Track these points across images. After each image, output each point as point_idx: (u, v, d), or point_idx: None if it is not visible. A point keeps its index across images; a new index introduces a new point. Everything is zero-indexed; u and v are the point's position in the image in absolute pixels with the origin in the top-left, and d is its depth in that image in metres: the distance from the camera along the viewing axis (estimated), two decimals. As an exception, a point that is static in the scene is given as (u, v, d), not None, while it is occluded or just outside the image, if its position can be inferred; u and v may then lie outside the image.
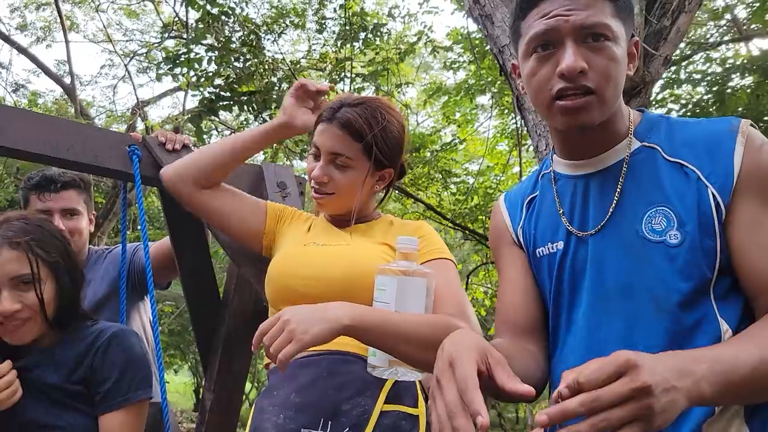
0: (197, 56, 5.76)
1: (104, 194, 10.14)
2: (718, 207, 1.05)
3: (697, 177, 1.07)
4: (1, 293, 1.37)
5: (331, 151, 1.48)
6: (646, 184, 1.12)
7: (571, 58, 1.05)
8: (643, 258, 1.09)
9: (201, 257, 2.35)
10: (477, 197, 7.85)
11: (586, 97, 1.07)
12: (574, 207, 1.20)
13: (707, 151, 1.08)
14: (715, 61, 6.21)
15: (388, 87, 7.03)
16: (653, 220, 1.09)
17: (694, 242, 1.05)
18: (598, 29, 1.06)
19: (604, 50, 1.07)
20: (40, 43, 11.52)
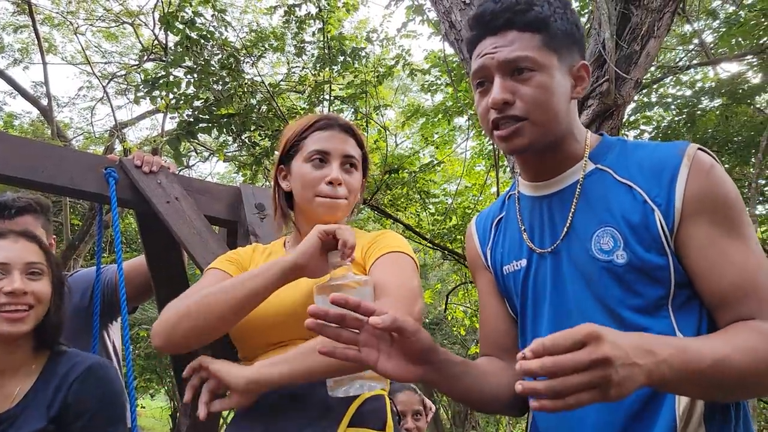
0: (176, 79, 5.77)
1: (80, 216, 10.02)
2: (663, 228, 1.10)
3: (643, 200, 1.12)
4: (14, 274, 1.45)
5: (345, 154, 1.48)
6: (596, 204, 1.18)
7: (495, 92, 1.15)
8: (594, 275, 1.15)
9: (178, 280, 2.34)
10: (455, 217, 7.90)
11: (516, 125, 1.15)
12: (534, 226, 1.27)
13: (653, 175, 1.13)
14: (685, 84, 6.36)
15: (367, 109, 7.09)
16: (601, 240, 1.14)
17: (641, 261, 1.10)
18: (521, 62, 1.15)
19: (530, 80, 1.15)
20: (18, 65, 11.45)
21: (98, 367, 1.53)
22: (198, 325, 1.27)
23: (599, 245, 1.15)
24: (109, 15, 10.63)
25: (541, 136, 1.17)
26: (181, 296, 1.35)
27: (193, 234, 2.10)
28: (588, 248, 1.16)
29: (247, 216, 2.28)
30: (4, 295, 1.42)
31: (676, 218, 1.09)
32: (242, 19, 10.59)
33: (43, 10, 10.66)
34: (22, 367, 1.49)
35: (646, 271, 1.11)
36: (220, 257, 1.56)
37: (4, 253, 1.47)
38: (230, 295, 1.26)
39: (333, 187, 1.44)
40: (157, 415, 15.66)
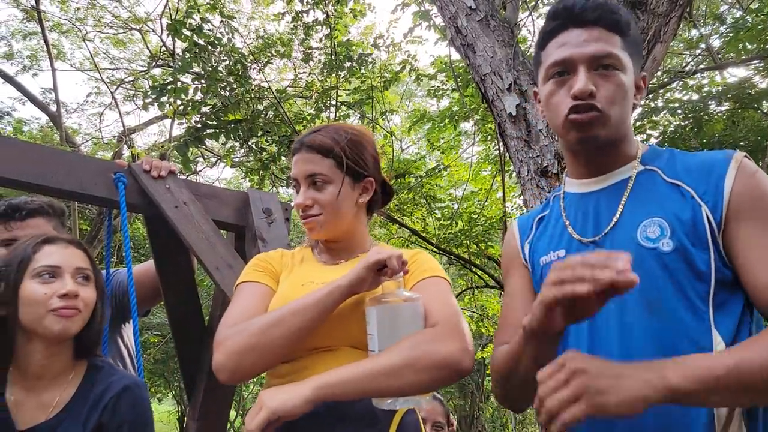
0: (184, 85, 5.80)
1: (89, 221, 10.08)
2: (711, 223, 1.15)
3: (691, 195, 1.19)
4: (66, 278, 1.49)
5: (306, 174, 1.50)
6: (645, 199, 1.24)
7: (582, 82, 1.21)
8: (637, 261, 1.13)
9: (186, 284, 2.35)
10: (461, 222, 7.89)
11: (593, 113, 1.21)
12: (578, 219, 1.33)
13: (702, 174, 1.20)
14: (692, 88, 6.35)
15: (373, 114, 7.11)
16: (648, 228, 1.20)
17: (686, 252, 1.15)
18: (608, 59, 1.22)
19: (612, 77, 1.22)
20: (27, 71, 11.55)
21: (133, 387, 1.54)
22: (264, 358, 1.29)
23: (645, 234, 1.20)
24: (117, 22, 10.71)
25: (612, 132, 1.24)
26: (239, 328, 1.31)
27: (201, 238, 2.12)
28: (633, 236, 1.21)
29: (255, 220, 2.29)
30: (57, 299, 1.45)
31: (723, 214, 1.15)
32: (249, 26, 10.66)
33: (52, 17, 10.76)
34: (61, 376, 1.51)
35: (690, 263, 1.15)
36: (250, 268, 1.53)
37: (57, 257, 1.51)
38: (291, 325, 1.28)
39: (301, 212, 1.51)
40: (165, 419, 15.70)
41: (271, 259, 1.55)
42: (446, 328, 1.27)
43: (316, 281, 1.42)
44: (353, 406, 1.30)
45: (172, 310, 2.36)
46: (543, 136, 3.25)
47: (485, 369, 13.00)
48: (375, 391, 1.21)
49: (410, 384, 1.20)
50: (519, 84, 3.33)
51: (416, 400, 1.27)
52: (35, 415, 1.45)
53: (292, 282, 1.46)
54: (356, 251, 1.55)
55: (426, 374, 1.20)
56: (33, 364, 1.48)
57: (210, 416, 2.31)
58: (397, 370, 1.19)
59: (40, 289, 1.46)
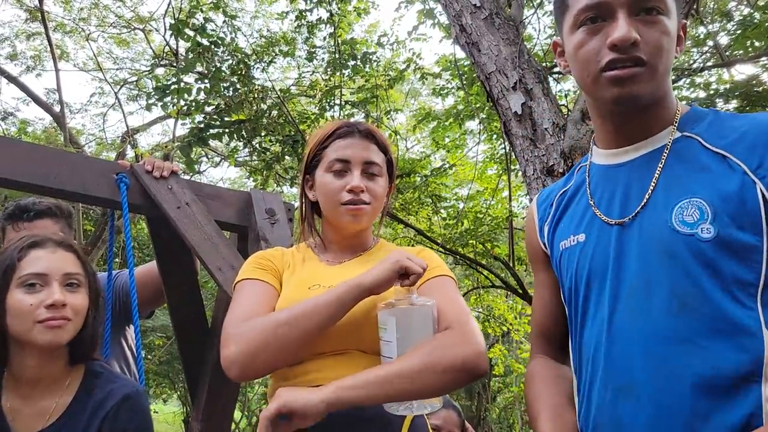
0: (187, 85, 5.79)
1: (93, 221, 10.09)
2: (766, 202, 0.98)
3: (743, 171, 1.01)
4: (53, 286, 1.41)
5: (364, 160, 1.45)
6: (683, 174, 1.06)
7: (624, 29, 1.03)
8: (670, 251, 1.03)
9: (189, 285, 2.34)
10: (467, 222, 7.86)
11: (637, 68, 1.05)
12: (603, 196, 1.17)
13: (757, 143, 1.02)
14: (699, 86, 6.31)
15: (378, 113, 7.09)
16: (685, 211, 1.03)
17: (730, 238, 0.99)
18: (655, 2, 1.05)
19: (657, 23, 1.05)
20: (31, 72, 11.57)
21: (133, 395, 1.50)
22: (277, 356, 1.26)
23: (682, 217, 1.03)
24: (120, 21, 10.72)
25: (655, 87, 1.08)
26: (251, 325, 1.28)
27: (203, 239, 2.10)
28: (668, 220, 1.04)
29: (258, 221, 2.27)
30: (44, 309, 1.39)
31: None
32: (252, 25, 10.65)
33: (56, 18, 10.78)
34: (57, 382, 1.47)
35: (735, 250, 0.98)
36: (250, 266, 1.48)
37: (43, 263, 1.43)
38: (306, 324, 1.25)
39: (355, 195, 1.43)
40: (170, 420, 15.72)
41: (273, 258, 1.51)
42: (461, 331, 1.27)
43: (323, 284, 1.39)
44: (364, 410, 1.27)
45: (176, 312, 2.34)
46: (549, 135, 3.21)
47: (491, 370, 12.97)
48: (394, 395, 1.21)
49: (428, 386, 1.21)
50: (524, 82, 3.30)
51: (429, 405, 1.26)
52: (33, 422, 1.42)
53: (297, 284, 1.42)
54: (359, 249, 1.52)
55: (444, 377, 1.20)
56: (27, 372, 1.44)
57: (214, 417, 2.30)
58: (417, 374, 1.19)
59: (26, 299, 1.39)
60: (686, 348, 0.99)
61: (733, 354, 0.96)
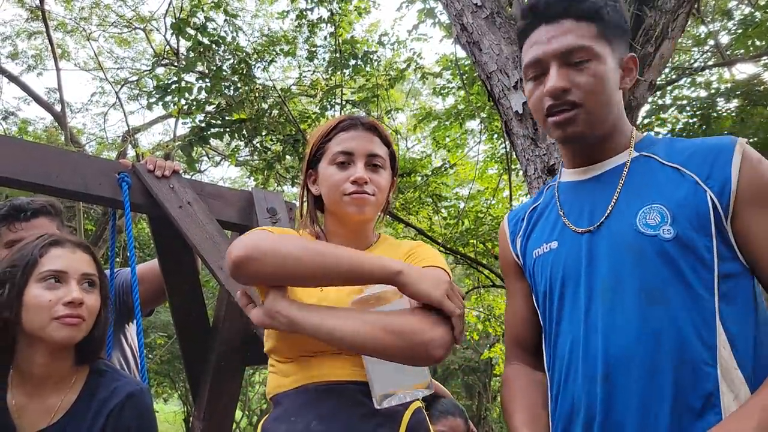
0: (188, 85, 5.80)
1: (94, 221, 10.10)
2: (716, 210, 1.11)
3: (694, 181, 1.14)
4: (71, 284, 1.44)
5: (368, 152, 1.46)
6: (642, 185, 1.20)
7: (553, 80, 1.18)
8: (636, 251, 1.15)
9: (191, 284, 2.34)
10: (468, 221, 7.86)
11: (572, 111, 1.19)
12: (573, 208, 1.29)
13: (706, 159, 1.15)
14: (700, 85, 6.31)
15: (379, 113, 7.08)
16: (648, 215, 1.15)
17: (689, 239, 1.11)
18: (578, 52, 1.18)
19: (586, 69, 1.18)
20: (32, 71, 11.57)
21: (137, 393, 1.51)
22: (284, 272, 1.22)
23: (645, 220, 1.15)
24: (121, 21, 10.72)
25: (594, 124, 1.21)
26: (276, 236, 1.29)
27: (205, 238, 2.10)
28: (633, 224, 1.16)
29: (259, 220, 2.27)
30: (62, 306, 1.41)
31: (731, 201, 1.11)
32: (253, 24, 10.65)
33: (57, 17, 10.78)
34: (63, 380, 1.48)
35: (692, 249, 1.11)
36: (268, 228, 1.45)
37: (64, 261, 1.45)
38: (327, 262, 1.22)
39: (358, 186, 1.43)
40: (171, 420, 15.74)
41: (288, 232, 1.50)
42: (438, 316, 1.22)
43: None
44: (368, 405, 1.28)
45: (177, 311, 2.34)
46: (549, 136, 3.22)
47: (492, 369, 12.98)
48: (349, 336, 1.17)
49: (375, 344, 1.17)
50: (526, 81, 3.30)
51: (413, 394, 1.26)
52: (38, 419, 1.43)
53: None
54: (362, 245, 1.51)
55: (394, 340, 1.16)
56: (35, 369, 1.45)
57: (216, 416, 2.30)
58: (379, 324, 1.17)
59: (45, 295, 1.41)
60: (655, 337, 1.10)
61: (695, 341, 1.08)
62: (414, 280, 1.20)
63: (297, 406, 1.32)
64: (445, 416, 2.42)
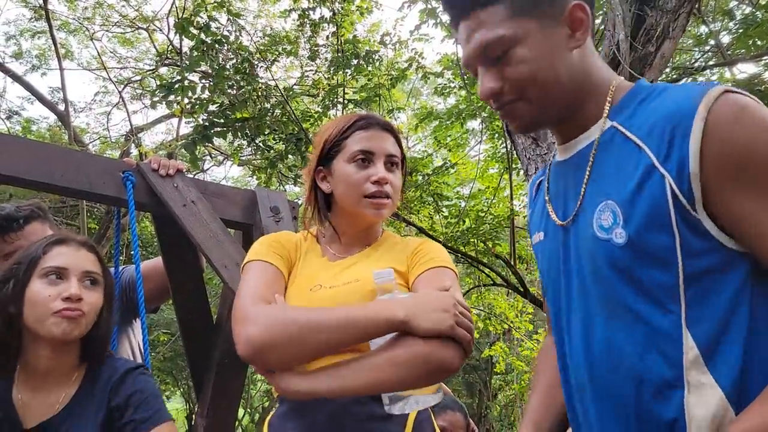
0: (191, 84, 5.82)
1: (97, 220, 10.12)
2: (677, 199, 0.90)
3: (651, 164, 0.93)
4: (71, 280, 1.47)
5: (388, 153, 1.46)
6: (606, 171, 1.02)
7: (480, 86, 1.05)
8: (594, 257, 1.01)
9: (194, 282, 2.36)
10: (469, 220, 7.87)
11: (511, 105, 1.05)
12: (557, 194, 1.16)
13: (664, 130, 0.93)
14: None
15: (381, 112, 7.10)
16: (602, 215, 0.99)
17: (644, 241, 0.93)
18: (492, 47, 1.01)
19: (509, 59, 1.01)
20: (35, 71, 11.60)
21: (136, 367, 1.56)
22: (293, 355, 1.18)
23: (600, 221, 0.99)
24: (124, 21, 10.74)
25: (542, 109, 1.05)
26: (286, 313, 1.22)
27: (209, 237, 2.12)
28: (591, 225, 1.01)
29: (263, 219, 2.29)
30: (61, 301, 1.44)
31: (694, 187, 0.89)
32: (256, 24, 10.66)
33: (60, 16, 10.80)
34: (67, 375, 1.51)
35: (650, 253, 0.93)
36: (264, 246, 1.43)
37: (65, 258, 1.49)
38: (332, 336, 1.17)
39: (380, 186, 1.42)
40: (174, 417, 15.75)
41: (288, 243, 1.49)
42: None
43: (324, 284, 1.38)
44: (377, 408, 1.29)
45: (181, 308, 2.36)
46: (550, 134, 3.23)
47: (492, 367, 12.98)
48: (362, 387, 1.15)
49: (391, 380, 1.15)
50: (527, 81, 3.31)
51: (425, 400, 1.25)
52: (42, 413, 1.46)
53: (299, 286, 1.40)
54: (367, 242, 1.51)
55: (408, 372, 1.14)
56: (40, 363, 1.48)
57: (219, 414, 2.32)
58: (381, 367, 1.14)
59: (45, 290, 1.44)
60: (619, 356, 0.98)
61: (657, 361, 0.94)
62: (420, 321, 1.15)
63: (304, 404, 1.33)
64: (445, 411, 2.45)
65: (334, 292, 1.36)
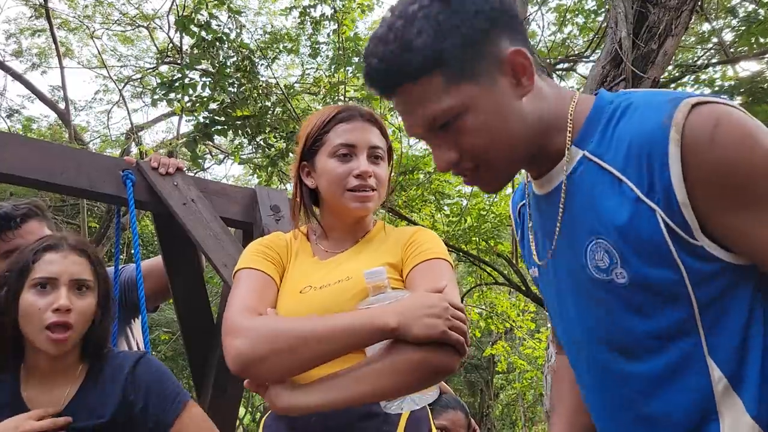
0: (192, 82, 5.81)
1: (98, 218, 10.12)
2: (672, 231, 0.85)
3: (635, 197, 0.87)
4: (61, 290, 1.45)
5: (371, 145, 1.43)
6: (584, 208, 0.95)
7: (436, 162, 0.99)
8: (596, 299, 0.96)
9: (194, 281, 2.35)
10: (470, 219, 7.87)
11: (473, 173, 0.99)
12: (538, 230, 1.10)
13: (640, 160, 0.87)
14: (704, 83, 6.29)
15: (382, 110, 7.09)
16: (596, 255, 0.93)
17: (646, 279, 0.89)
18: (437, 120, 0.94)
19: (458, 129, 0.93)
20: (36, 69, 11.60)
21: (145, 356, 1.58)
22: (284, 367, 1.17)
23: (595, 262, 0.93)
24: (124, 19, 10.73)
25: (507, 168, 0.99)
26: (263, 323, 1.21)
27: (209, 236, 2.11)
28: (585, 266, 0.95)
29: (263, 218, 2.28)
30: (51, 313, 1.43)
31: (687, 217, 0.84)
32: (256, 21, 10.65)
33: (60, 15, 10.80)
34: (70, 371, 1.52)
35: (655, 289, 0.88)
36: (255, 254, 1.42)
37: (55, 267, 1.47)
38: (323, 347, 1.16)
39: (363, 180, 1.39)
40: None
41: (278, 248, 1.46)
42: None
43: (314, 285, 1.36)
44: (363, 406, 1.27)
45: (181, 308, 2.36)
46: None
47: (494, 366, 12.99)
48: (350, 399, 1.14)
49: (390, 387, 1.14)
50: (529, 79, 3.29)
51: (421, 399, 1.23)
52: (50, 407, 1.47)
53: (289, 288, 1.38)
54: (359, 235, 1.48)
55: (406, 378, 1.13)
56: (41, 365, 1.49)
57: (219, 414, 2.31)
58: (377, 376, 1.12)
59: (36, 302, 1.43)
60: (640, 401, 0.94)
61: (681, 397, 0.90)
62: (412, 328, 1.12)
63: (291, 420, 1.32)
64: (446, 410, 2.43)
65: (325, 292, 1.34)
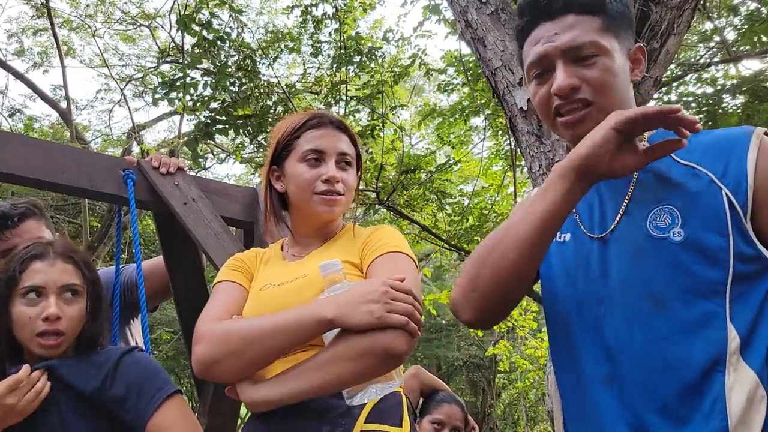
0: (193, 81, 5.81)
1: (99, 218, 10.14)
2: (733, 207, 1.05)
3: (709, 179, 1.08)
4: (50, 299, 1.46)
5: (340, 151, 1.46)
6: (655, 185, 1.14)
7: (561, 78, 1.13)
8: (646, 253, 1.11)
9: (195, 280, 2.35)
10: (472, 218, 7.86)
11: (583, 110, 1.14)
12: (585, 208, 1.23)
13: (720, 154, 1.10)
14: (706, 82, 6.28)
15: (383, 109, 7.08)
16: (658, 217, 1.11)
17: (700, 241, 1.06)
18: (585, 48, 1.13)
19: (595, 64, 1.13)
20: (37, 68, 11.61)
21: (131, 351, 1.57)
22: (238, 366, 1.25)
23: (656, 222, 1.11)
24: (126, 18, 10.74)
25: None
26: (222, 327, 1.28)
27: (210, 235, 2.11)
28: (642, 227, 1.12)
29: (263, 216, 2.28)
30: (41, 321, 1.44)
31: (749, 197, 1.05)
32: (258, 21, 10.65)
33: (62, 14, 10.80)
34: None
35: (704, 251, 1.06)
36: (227, 268, 1.51)
37: (42, 276, 1.48)
38: (271, 343, 1.22)
39: (330, 185, 1.43)
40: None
41: (247, 259, 1.54)
42: None
43: (273, 282, 1.40)
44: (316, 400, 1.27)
45: (182, 307, 2.35)
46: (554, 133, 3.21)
47: (496, 366, 12.99)
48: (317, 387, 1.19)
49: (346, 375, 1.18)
50: (530, 78, 3.29)
51: (384, 388, 1.23)
52: None
53: (253, 290, 1.44)
54: (324, 238, 1.51)
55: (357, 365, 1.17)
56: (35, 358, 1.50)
57: (221, 413, 2.31)
58: (330, 363, 1.17)
59: (26, 312, 1.45)
60: (662, 345, 1.07)
61: (701, 346, 1.04)
62: (349, 318, 1.16)
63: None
64: (441, 404, 2.44)
65: (283, 289, 1.38)
